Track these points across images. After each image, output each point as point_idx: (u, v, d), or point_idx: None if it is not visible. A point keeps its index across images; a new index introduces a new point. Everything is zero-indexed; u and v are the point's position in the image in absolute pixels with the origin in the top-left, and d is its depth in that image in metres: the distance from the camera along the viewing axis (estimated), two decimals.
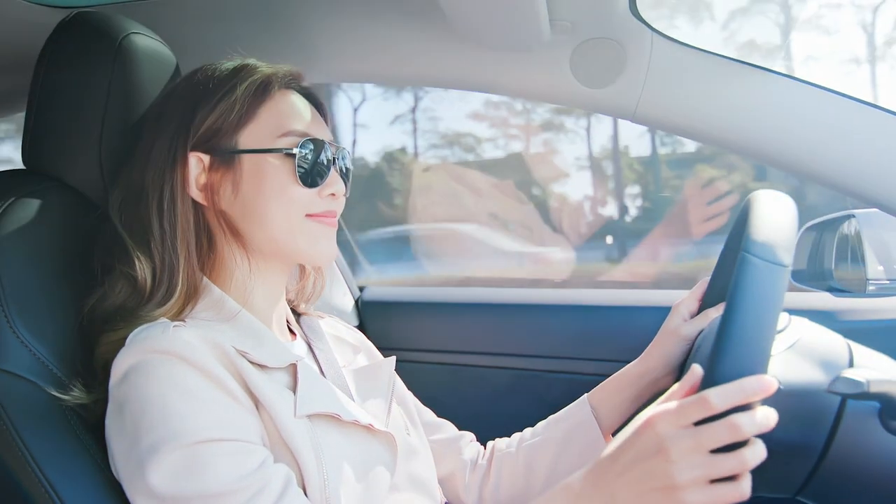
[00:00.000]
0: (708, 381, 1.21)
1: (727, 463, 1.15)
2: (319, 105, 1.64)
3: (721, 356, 1.20)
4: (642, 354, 1.82)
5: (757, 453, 1.17)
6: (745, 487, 1.16)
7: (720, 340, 1.21)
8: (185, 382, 1.32)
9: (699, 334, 1.70)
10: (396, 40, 2.14)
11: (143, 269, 1.45)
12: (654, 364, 1.77)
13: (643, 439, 1.21)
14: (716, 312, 1.71)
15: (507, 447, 1.90)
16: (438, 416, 1.93)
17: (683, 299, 1.80)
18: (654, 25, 1.99)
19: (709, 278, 1.79)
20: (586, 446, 1.78)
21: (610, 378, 1.86)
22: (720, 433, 1.15)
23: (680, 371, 1.76)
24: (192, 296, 1.48)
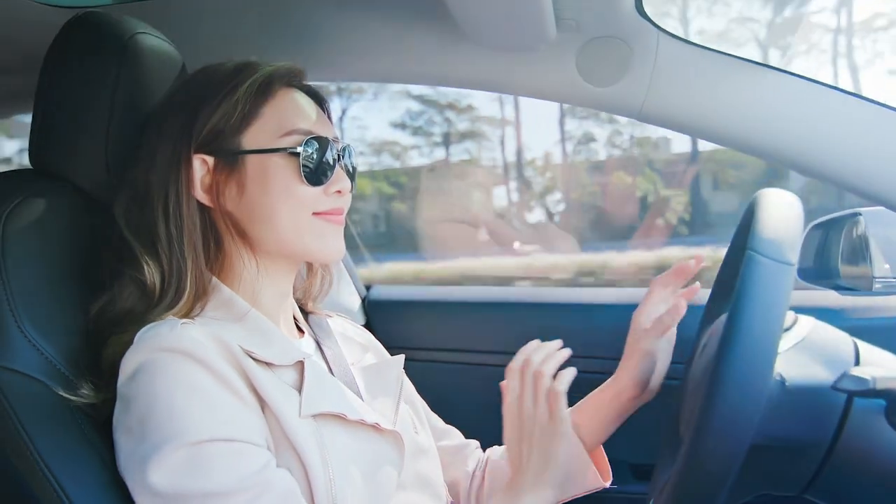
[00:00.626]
0: (714, 379, 1.21)
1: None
2: (322, 102, 1.64)
3: (727, 354, 1.20)
4: (613, 374, 1.81)
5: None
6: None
7: (726, 338, 1.21)
8: (192, 381, 1.32)
9: (706, 333, 1.70)
10: (402, 39, 2.14)
11: (151, 273, 1.45)
12: (625, 384, 1.76)
13: None
14: (658, 323, 1.71)
15: (501, 457, 1.90)
16: (445, 415, 1.93)
17: (638, 309, 1.78)
18: (659, 24, 1.99)
19: (661, 277, 1.79)
20: (569, 459, 1.77)
21: (587, 398, 1.84)
22: None
23: (686, 373, 1.76)
24: (200, 297, 1.48)
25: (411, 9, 2.06)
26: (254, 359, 1.42)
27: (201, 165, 1.50)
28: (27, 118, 1.73)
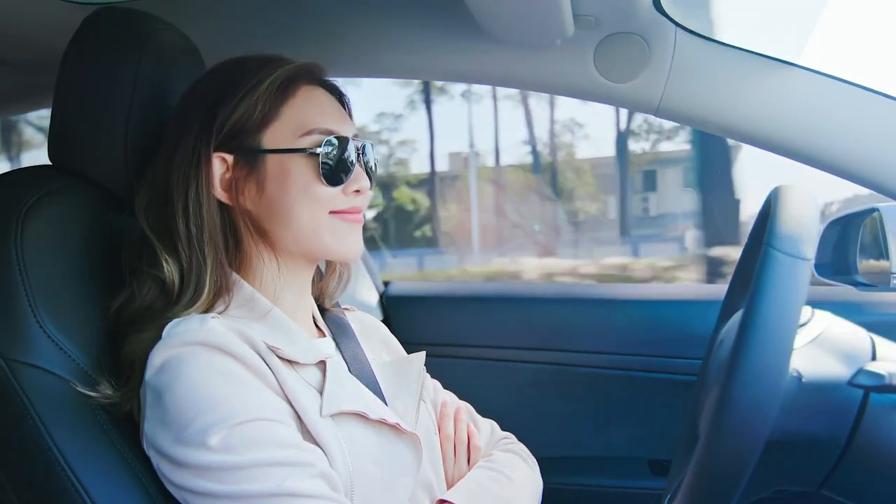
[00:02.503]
0: (730, 374, 1.21)
1: None
2: (342, 97, 1.63)
3: (744, 350, 1.20)
4: None
5: None
6: None
7: (743, 334, 1.22)
8: (227, 369, 1.33)
9: (723, 329, 1.70)
10: (421, 35, 2.14)
11: (171, 270, 1.44)
12: None
13: None
14: None
15: None
16: None
17: None
18: (677, 20, 1.99)
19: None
20: None
21: None
22: None
23: (703, 369, 1.76)
24: (221, 294, 1.47)
25: (430, 5, 2.06)
26: (278, 356, 1.42)
27: (221, 164, 1.49)
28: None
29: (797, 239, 1.25)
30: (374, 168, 1.59)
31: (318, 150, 1.48)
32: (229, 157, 1.49)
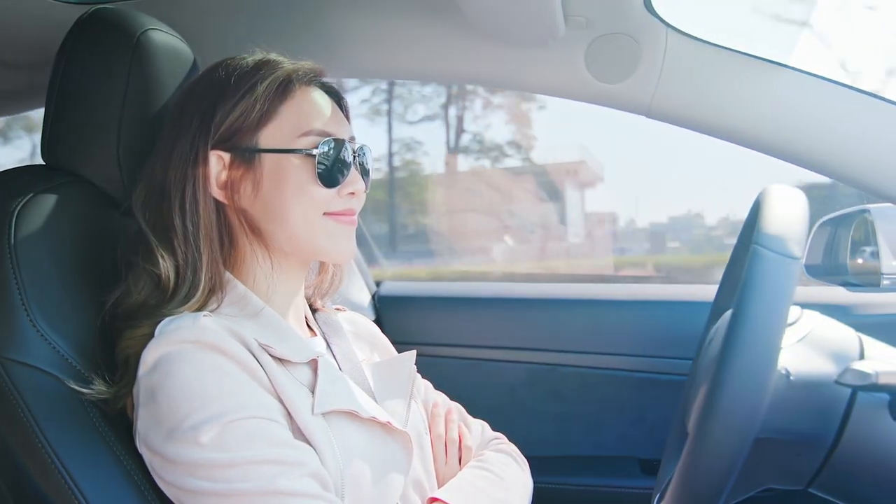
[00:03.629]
0: (718, 371, 1.22)
1: None
2: (340, 99, 1.63)
3: (732, 347, 1.21)
4: None
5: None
6: None
7: (731, 332, 1.22)
8: (220, 367, 1.33)
9: (712, 328, 1.71)
10: (414, 36, 2.14)
11: (166, 266, 1.44)
12: None
13: None
14: None
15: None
16: None
17: None
18: (668, 21, 1.99)
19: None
20: None
21: None
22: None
23: (693, 368, 1.77)
24: (214, 292, 1.48)
25: (423, 6, 2.06)
26: (270, 355, 1.43)
27: (218, 162, 1.49)
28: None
29: (784, 238, 1.26)
30: (369, 170, 1.60)
31: (315, 151, 1.48)
32: (226, 156, 1.49)
